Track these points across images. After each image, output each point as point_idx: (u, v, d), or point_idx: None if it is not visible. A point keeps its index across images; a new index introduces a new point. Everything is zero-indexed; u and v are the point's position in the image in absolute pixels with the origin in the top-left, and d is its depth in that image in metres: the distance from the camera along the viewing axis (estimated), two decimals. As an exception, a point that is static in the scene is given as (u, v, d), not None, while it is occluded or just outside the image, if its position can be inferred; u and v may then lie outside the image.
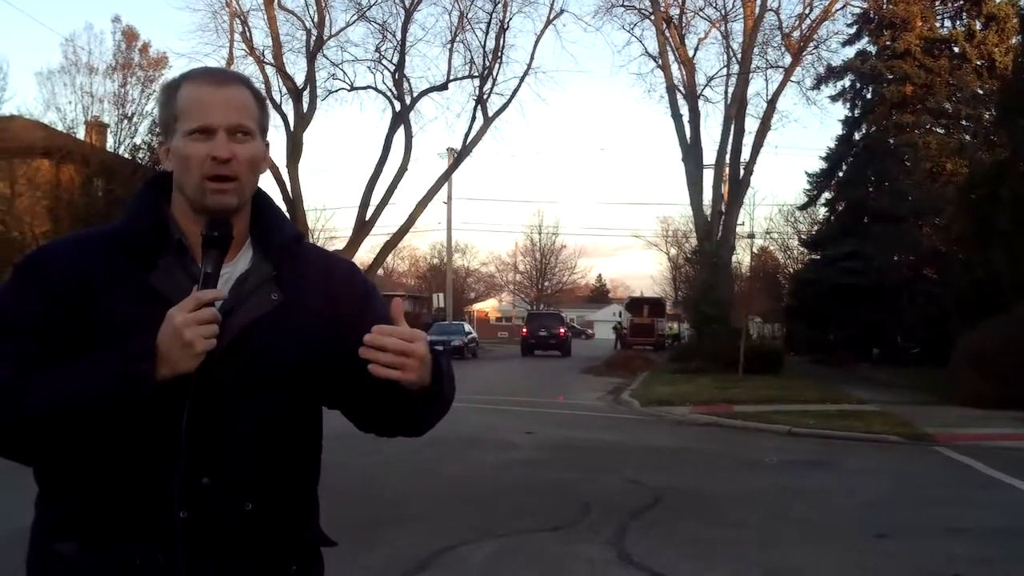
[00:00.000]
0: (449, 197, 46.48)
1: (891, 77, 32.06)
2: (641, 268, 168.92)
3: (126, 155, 28.85)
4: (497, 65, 36.37)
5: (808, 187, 37.47)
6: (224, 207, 1.64)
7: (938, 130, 32.48)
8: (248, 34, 34.34)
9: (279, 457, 1.68)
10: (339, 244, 41.06)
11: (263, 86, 33.90)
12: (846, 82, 34.62)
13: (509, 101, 36.55)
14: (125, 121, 29.13)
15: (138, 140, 29.39)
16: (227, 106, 1.64)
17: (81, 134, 28.64)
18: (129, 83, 29.06)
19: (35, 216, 24.66)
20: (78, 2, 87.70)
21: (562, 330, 43.12)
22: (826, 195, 36.90)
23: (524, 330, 44.58)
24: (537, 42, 37.03)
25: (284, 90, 34.29)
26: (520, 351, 42.26)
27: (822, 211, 39.62)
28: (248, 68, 34.45)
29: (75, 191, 26.53)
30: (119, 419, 1.52)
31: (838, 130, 35.39)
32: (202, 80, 1.67)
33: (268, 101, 1.79)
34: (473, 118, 36.71)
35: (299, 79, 34.42)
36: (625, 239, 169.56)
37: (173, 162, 1.68)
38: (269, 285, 1.69)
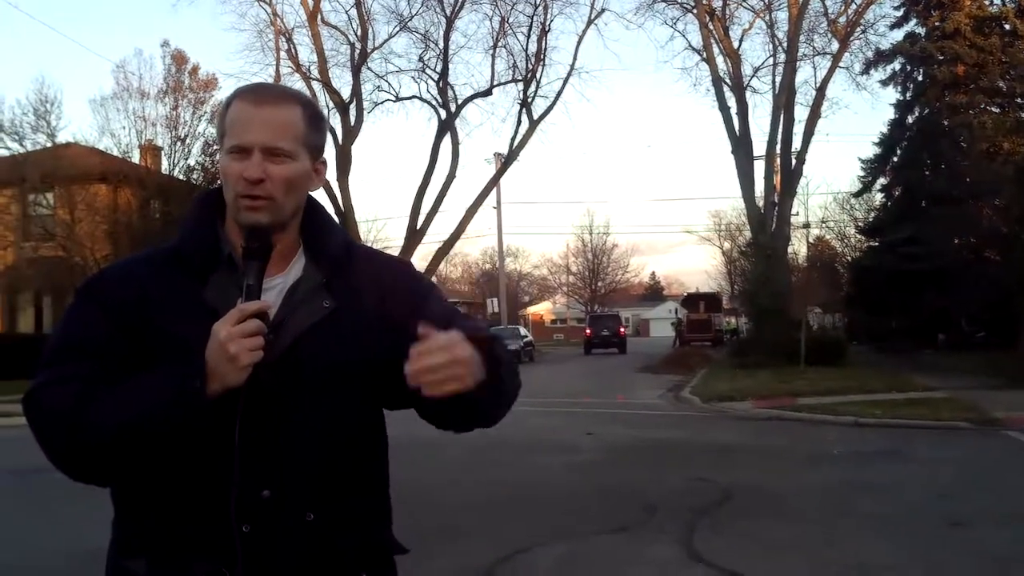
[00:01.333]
0: (498, 202, 46.57)
1: (941, 58, 31.43)
2: (695, 264, 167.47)
3: (181, 176, 29.39)
4: (540, 68, 36.38)
5: (862, 173, 36.93)
6: (254, 224, 1.63)
7: (993, 109, 31.71)
8: (294, 51, 34.82)
9: (339, 464, 1.67)
10: (392, 253, 41.40)
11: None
12: (896, 65, 34.02)
13: (554, 103, 36.53)
14: (178, 143, 29.68)
15: (192, 161, 29.96)
16: (265, 126, 1.63)
17: (136, 158, 29.24)
18: (180, 105, 29.60)
19: (95, 240, 25.21)
20: (128, 29, 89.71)
21: (622, 329, 47.66)
22: (881, 180, 36.30)
23: (587, 331, 47.75)
24: (579, 43, 36.87)
25: (331, 104, 34.64)
26: (584, 350, 45.81)
27: (878, 197, 38.99)
28: (295, 84, 34.85)
29: (133, 214, 27.09)
30: (176, 437, 1.53)
31: (890, 114, 34.85)
32: (247, 98, 1.67)
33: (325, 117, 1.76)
34: (519, 122, 36.74)
35: (345, 93, 34.79)
36: (677, 235, 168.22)
37: (221, 176, 1.70)
38: (320, 292, 1.68)
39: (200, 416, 1.52)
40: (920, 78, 33.25)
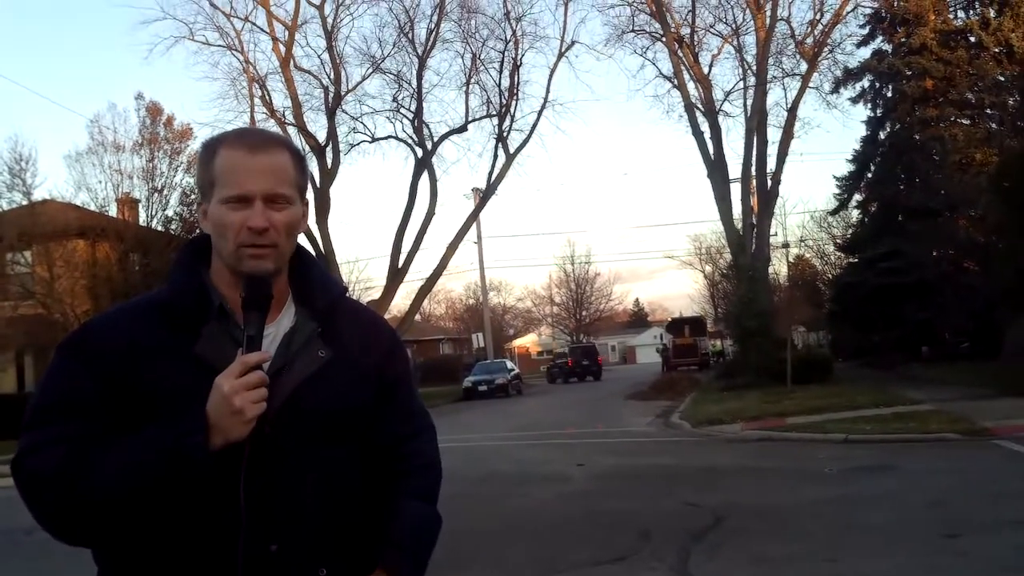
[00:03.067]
0: (479, 237, 46.69)
1: (910, 73, 31.89)
2: (678, 288, 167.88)
3: (159, 228, 29.37)
4: (514, 102, 36.66)
5: (838, 191, 37.28)
6: (262, 272, 1.63)
7: (963, 121, 32.14)
8: (267, 97, 34.95)
9: (348, 514, 1.66)
10: (375, 294, 41.32)
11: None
12: (865, 83, 34.48)
13: (529, 136, 36.77)
14: (156, 194, 29.70)
15: (170, 212, 29.98)
16: (264, 174, 1.62)
17: (113, 211, 29.21)
18: (156, 157, 29.67)
19: (75, 296, 25.09)
20: (101, 84, 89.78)
21: (600, 358, 52.10)
22: (857, 197, 36.65)
23: (569, 360, 50.91)
24: (551, 76, 37.29)
25: (307, 148, 34.72)
26: (548, 379, 49.99)
27: (855, 214, 39.35)
28: (270, 130, 35.00)
29: (112, 268, 26.99)
30: (178, 494, 1.50)
31: (862, 131, 35.28)
32: (239, 145, 1.65)
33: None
34: (495, 156, 36.96)
35: (321, 136, 34.93)
36: (659, 261, 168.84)
37: (211, 227, 1.66)
38: (316, 342, 1.68)
39: (203, 472, 1.49)
40: (889, 94, 33.70)
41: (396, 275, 35.53)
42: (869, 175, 34.93)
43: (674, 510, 8.71)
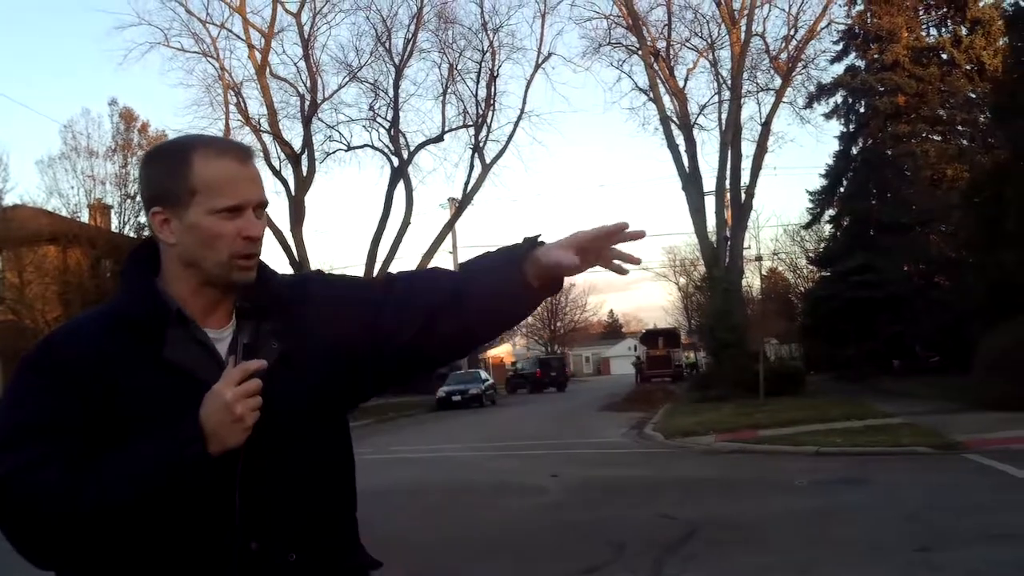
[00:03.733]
0: (454, 247, 46.56)
1: (882, 89, 32.21)
2: (652, 300, 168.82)
3: (131, 234, 29.11)
4: (490, 112, 36.73)
5: (811, 205, 37.51)
6: (248, 282, 1.65)
7: (935, 137, 32.52)
8: (243, 104, 34.78)
9: (320, 503, 1.67)
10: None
11: (261, 154, 34.26)
12: (838, 98, 34.78)
13: (505, 147, 36.85)
14: (128, 201, 29.46)
15: (143, 219, 29.69)
16: (254, 184, 1.64)
17: (85, 217, 28.97)
18: (130, 163, 29.42)
19: (46, 303, 24.83)
20: (75, 89, 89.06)
21: (567, 369, 54.66)
22: (829, 211, 36.92)
23: (538, 371, 52.01)
24: (528, 87, 37.48)
25: (282, 156, 34.62)
26: (507, 390, 50.16)
27: (827, 228, 39.61)
28: (245, 137, 34.78)
29: (83, 274, 26.73)
30: (177, 504, 1.50)
31: (835, 146, 35.56)
32: (228, 155, 1.63)
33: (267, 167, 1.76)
34: (471, 167, 37.00)
35: (296, 144, 34.79)
36: (634, 272, 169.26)
37: (187, 236, 1.61)
38: (267, 337, 1.66)
39: (205, 480, 1.50)
40: (862, 110, 34.01)
41: (371, 284, 35.40)
42: (841, 190, 35.20)
43: (648, 522, 8.69)
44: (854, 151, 34.56)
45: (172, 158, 1.63)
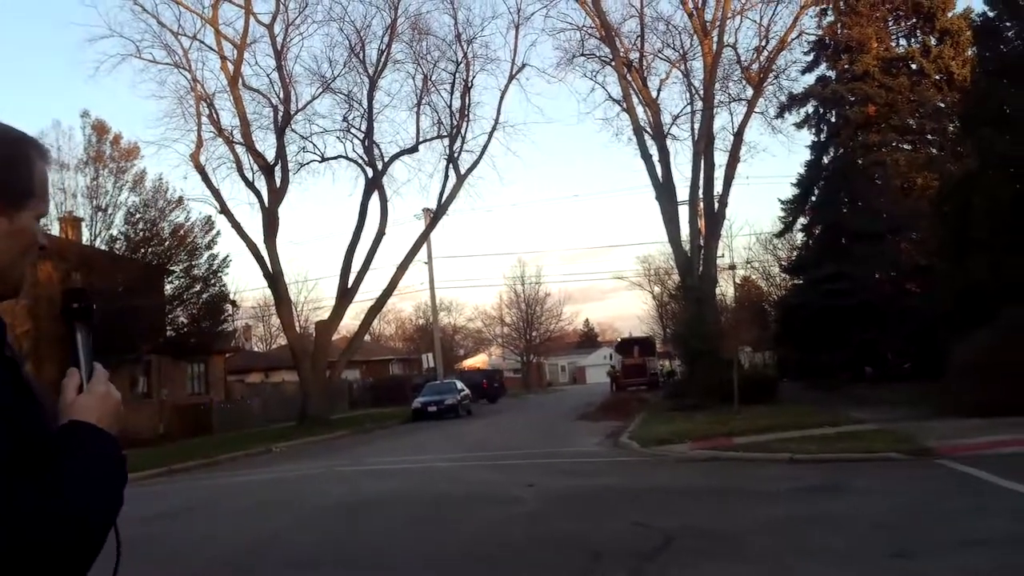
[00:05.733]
0: (429, 257, 46.58)
1: (852, 99, 32.56)
2: (627, 309, 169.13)
3: (103, 247, 28.84)
4: (465, 123, 36.78)
5: (783, 214, 37.75)
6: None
7: (905, 147, 32.89)
8: (215, 116, 34.59)
9: None
10: (324, 313, 41.02)
11: (234, 165, 34.07)
12: (809, 108, 35.12)
13: (480, 157, 36.90)
14: (100, 213, 29.20)
15: (114, 231, 29.49)
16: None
17: (56, 230, 28.63)
18: (101, 175, 29.18)
19: (15, 316, 24.48)
20: (45, 101, 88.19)
21: (485, 382, 51.11)
22: (802, 220, 37.18)
23: (484, 382, 51.23)
24: (502, 98, 37.48)
25: (255, 167, 34.43)
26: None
27: (799, 236, 39.92)
28: (218, 149, 34.69)
29: (54, 288, 26.39)
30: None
31: (806, 156, 35.83)
32: (48, 159, 1.53)
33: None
34: (446, 177, 37.02)
35: (269, 155, 34.65)
36: (608, 282, 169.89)
37: (9, 240, 1.44)
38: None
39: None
40: (833, 119, 34.34)
41: (345, 295, 35.29)
42: (813, 198, 35.48)
43: (624, 531, 8.67)
44: (825, 160, 34.87)
45: (10, 150, 1.46)
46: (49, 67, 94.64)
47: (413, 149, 36.78)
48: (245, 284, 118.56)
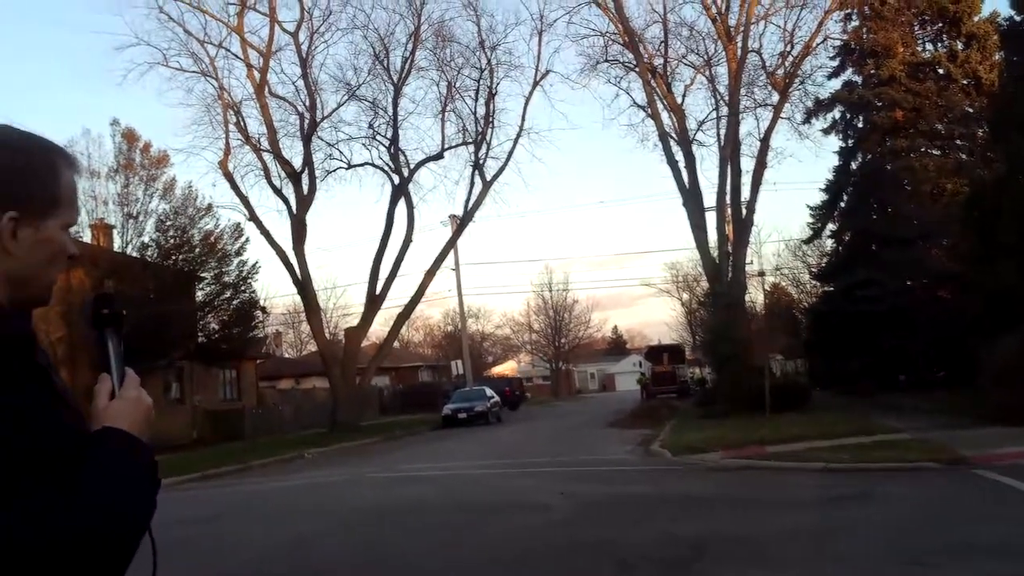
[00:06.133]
0: (456, 264, 46.64)
1: (880, 104, 32.27)
2: (656, 316, 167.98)
3: (135, 254, 29.12)
4: (490, 130, 36.79)
5: (812, 220, 37.50)
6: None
7: (934, 152, 32.56)
8: (242, 123, 34.84)
9: None
10: (352, 320, 41.20)
11: (262, 172, 34.31)
12: (836, 113, 34.86)
13: (505, 164, 36.88)
14: (131, 220, 29.49)
15: (146, 238, 29.78)
16: None
17: (88, 237, 28.94)
18: (132, 183, 29.47)
19: (49, 323, 24.77)
20: (75, 109, 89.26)
21: (507, 390, 49.50)
22: (831, 226, 36.91)
23: (507, 390, 49.67)
24: (526, 104, 37.39)
25: (283, 174, 34.63)
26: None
27: (829, 242, 39.59)
28: (245, 156, 34.89)
29: (87, 294, 26.69)
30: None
31: (834, 161, 35.57)
32: (77, 168, 1.52)
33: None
34: (472, 184, 37.04)
35: (296, 162, 34.84)
36: (636, 288, 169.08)
37: (35, 249, 1.43)
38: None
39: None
40: (860, 124, 34.08)
41: (374, 302, 35.40)
42: (842, 204, 35.22)
43: (655, 539, 8.63)
44: (853, 166, 34.61)
45: (37, 159, 1.45)
46: (78, 75, 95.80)
47: (439, 156, 36.88)
48: (275, 290, 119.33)
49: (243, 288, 32.82)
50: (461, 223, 38.59)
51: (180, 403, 33.38)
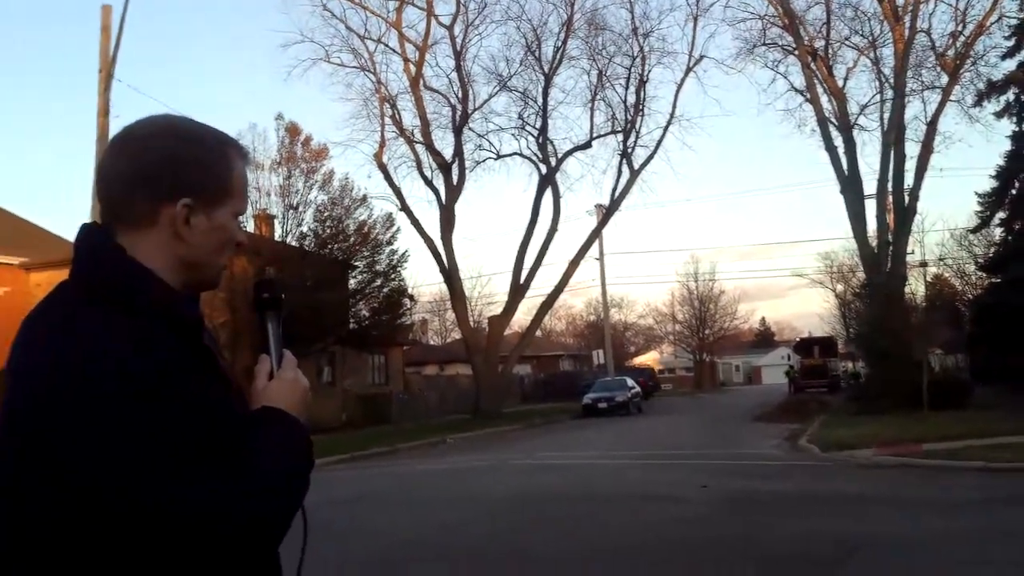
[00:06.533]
0: (601, 253, 46.60)
1: (1058, 85, 30.21)
2: (807, 307, 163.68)
3: (294, 243, 30.39)
4: (639, 118, 36.56)
5: (980, 208, 35.62)
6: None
7: (1117, 136, 30.25)
8: (397, 116, 35.85)
9: None
10: (496, 309, 41.75)
11: (414, 164, 35.18)
12: (1010, 96, 32.80)
13: (654, 152, 36.58)
14: (291, 211, 30.77)
15: (304, 228, 31.02)
16: None
17: (251, 226, 30.37)
18: (293, 175, 30.73)
19: (214, 308, 26.17)
20: (242, 105, 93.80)
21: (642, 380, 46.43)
22: (1000, 214, 34.90)
23: (641, 380, 46.19)
24: (678, 91, 37.02)
25: (434, 166, 35.43)
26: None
27: (997, 232, 37.44)
28: (399, 148, 35.89)
29: (249, 281, 28.00)
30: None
31: (1006, 146, 33.54)
32: (247, 159, 1.59)
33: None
34: (619, 173, 36.91)
35: (447, 153, 35.57)
36: (787, 279, 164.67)
37: (208, 237, 1.50)
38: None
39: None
40: (1036, 107, 31.99)
41: (518, 291, 35.78)
42: (1013, 191, 33.22)
43: (799, 536, 8.41)
44: (1027, 151, 32.54)
45: (212, 150, 1.52)
46: (247, 71, 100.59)
47: (586, 145, 36.90)
48: (422, 279, 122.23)
49: (393, 276, 33.77)
50: (607, 212, 38.51)
51: (331, 386, 34.64)
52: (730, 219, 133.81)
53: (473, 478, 15.01)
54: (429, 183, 35.26)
